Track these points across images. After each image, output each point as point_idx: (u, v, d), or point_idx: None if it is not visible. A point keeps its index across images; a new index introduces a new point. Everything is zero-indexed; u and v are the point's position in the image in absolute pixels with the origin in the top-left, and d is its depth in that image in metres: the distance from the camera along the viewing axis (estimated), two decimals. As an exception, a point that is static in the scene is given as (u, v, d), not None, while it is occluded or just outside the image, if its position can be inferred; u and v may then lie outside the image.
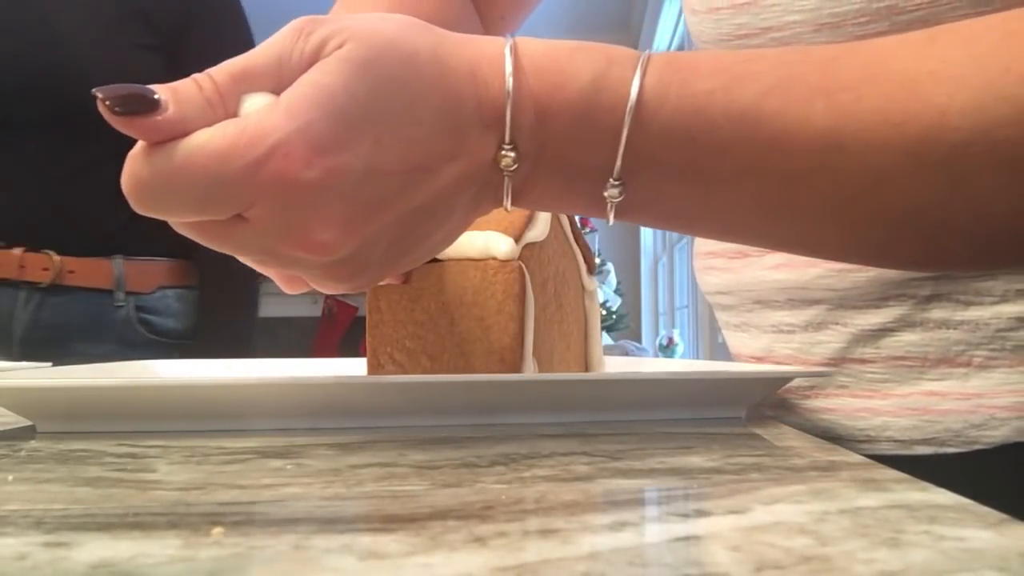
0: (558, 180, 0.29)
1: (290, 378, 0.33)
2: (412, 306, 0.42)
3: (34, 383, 0.32)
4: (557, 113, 0.27)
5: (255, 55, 0.27)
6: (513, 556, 0.16)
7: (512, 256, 0.40)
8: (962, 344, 0.42)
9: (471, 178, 0.28)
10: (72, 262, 1.02)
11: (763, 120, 0.26)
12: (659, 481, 0.24)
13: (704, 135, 0.27)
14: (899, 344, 0.43)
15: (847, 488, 0.22)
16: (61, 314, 1.04)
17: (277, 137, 0.25)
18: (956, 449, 0.42)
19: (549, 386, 0.36)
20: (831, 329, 0.46)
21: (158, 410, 0.34)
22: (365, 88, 0.26)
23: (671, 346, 3.63)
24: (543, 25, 4.32)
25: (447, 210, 0.29)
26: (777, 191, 0.27)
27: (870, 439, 0.45)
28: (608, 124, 0.27)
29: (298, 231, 0.26)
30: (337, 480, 0.24)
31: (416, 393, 0.35)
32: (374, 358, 0.43)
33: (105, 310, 1.05)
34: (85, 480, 0.24)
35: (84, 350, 1.01)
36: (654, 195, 0.29)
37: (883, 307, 0.43)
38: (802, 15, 0.42)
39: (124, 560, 0.16)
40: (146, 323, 1.08)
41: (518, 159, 0.28)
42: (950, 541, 0.17)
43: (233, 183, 0.25)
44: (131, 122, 0.24)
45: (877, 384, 0.45)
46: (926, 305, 0.42)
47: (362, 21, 0.27)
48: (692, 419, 0.37)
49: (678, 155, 0.27)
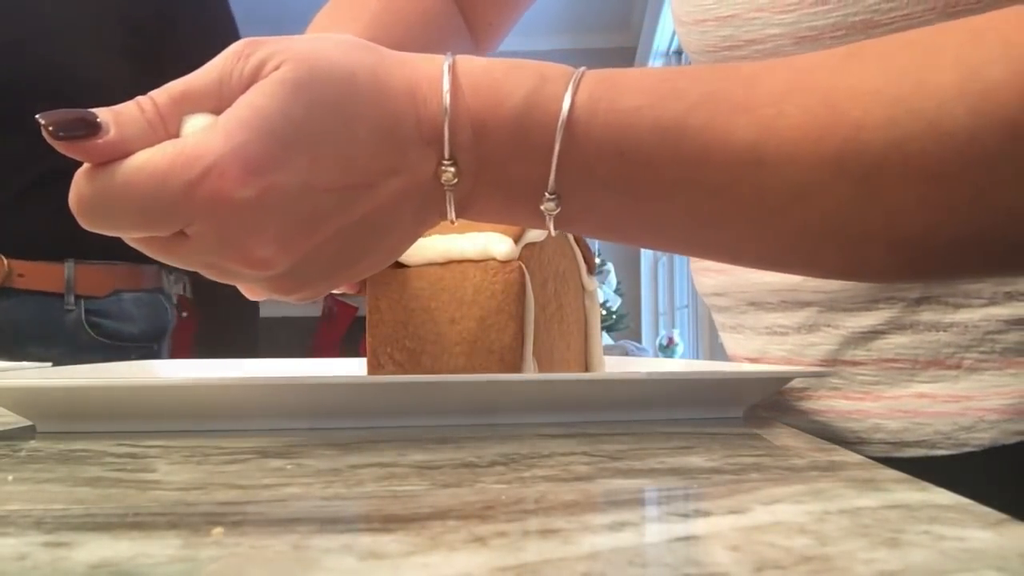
0: (499, 193, 0.30)
1: (290, 378, 0.33)
2: (412, 306, 0.42)
3: (34, 383, 0.32)
4: (494, 129, 0.28)
5: (196, 77, 0.28)
6: (513, 556, 0.16)
7: (512, 256, 0.40)
8: (952, 346, 0.42)
9: (412, 193, 0.29)
10: (22, 265, 1.02)
11: (688, 135, 0.27)
12: (659, 481, 0.24)
13: (633, 150, 0.28)
14: (889, 346, 0.44)
15: (847, 488, 0.22)
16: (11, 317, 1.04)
17: (213, 158, 0.26)
18: (946, 451, 0.43)
19: (549, 386, 0.36)
20: (823, 331, 0.46)
21: (158, 410, 0.34)
22: (301, 109, 0.27)
23: (671, 346, 3.63)
24: (543, 25, 4.32)
25: (389, 224, 0.30)
26: (705, 203, 0.28)
27: (862, 441, 0.46)
28: (542, 140, 0.28)
29: (237, 247, 0.27)
30: (337, 480, 0.24)
31: (416, 393, 0.35)
32: (374, 358, 0.43)
33: (54, 314, 1.05)
34: (85, 480, 0.24)
35: (35, 352, 1.01)
36: (589, 207, 0.29)
37: (873, 309, 0.44)
38: (782, 28, 0.43)
39: (124, 560, 0.16)
40: (97, 326, 1.08)
41: (458, 174, 0.29)
42: (950, 541, 0.17)
43: (171, 202, 0.26)
44: (73, 146, 0.26)
45: (869, 386, 0.45)
46: (915, 308, 0.43)
47: (301, 43, 0.28)
48: (692, 419, 0.37)
49: (609, 169, 0.28)
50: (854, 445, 0.46)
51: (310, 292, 0.31)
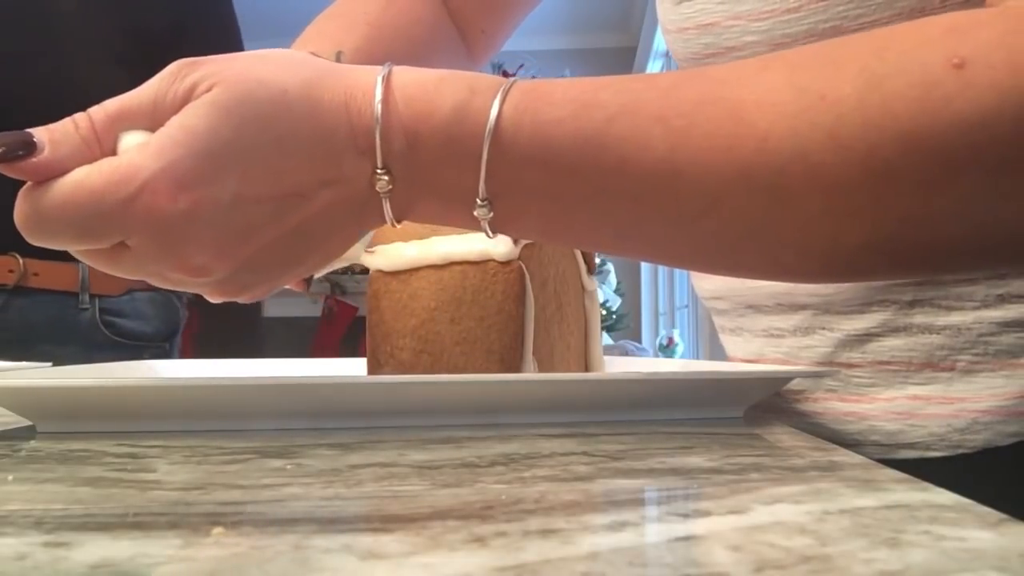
0: (435, 199, 0.31)
1: (290, 378, 0.33)
2: (412, 306, 0.42)
3: (34, 383, 0.32)
4: (426, 138, 0.29)
5: (133, 96, 0.29)
6: (513, 556, 0.16)
7: (511, 257, 0.40)
8: (945, 349, 0.42)
9: (349, 200, 0.30)
10: (37, 264, 1.02)
11: (608, 145, 0.28)
12: (659, 481, 0.24)
13: (555, 160, 0.29)
14: (884, 349, 0.44)
15: (847, 488, 0.22)
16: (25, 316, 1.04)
17: (146, 175, 0.27)
18: (940, 453, 0.43)
19: (549, 386, 0.36)
20: (818, 334, 0.46)
21: (158, 410, 0.34)
22: (229, 129, 0.28)
23: (671, 346, 3.63)
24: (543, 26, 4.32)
25: (326, 230, 0.31)
26: (627, 211, 0.29)
27: (857, 443, 0.46)
28: (471, 149, 0.29)
29: (175, 257, 0.29)
30: (337, 480, 0.24)
31: (416, 393, 0.35)
32: (374, 358, 0.43)
33: (69, 312, 1.05)
34: (85, 480, 0.24)
35: (49, 351, 1.01)
36: (520, 213, 0.31)
37: (867, 312, 0.44)
38: (758, 35, 0.44)
39: (124, 560, 0.16)
40: (111, 325, 1.08)
41: (392, 181, 0.30)
42: (950, 541, 0.17)
43: (108, 217, 0.27)
44: (11, 166, 0.27)
45: (864, 388, 0.45)
46: (909, 310, 0.43)
47: (235, 64, 0.29)
48: (692, 419, 0.37)
49: (535, 177, 0.29)
50: (849, 447, 0.46)
51: (254, 293, 0.33)
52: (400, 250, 0.42)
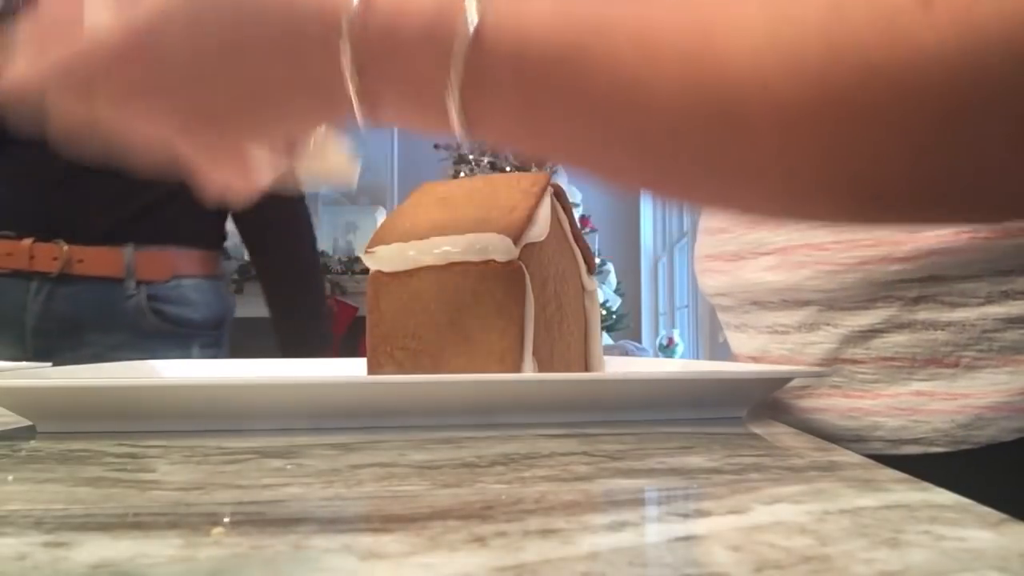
0: (407, 91, 0.31)
1: (290, 378, 0.33)
2: (412, 306, 0.42)
3: (34, 383, 0.32)
4: (403, 27, 0.30)
5: None
6: (513, 556, 0.16)
7: (511, 257, 0.40)
8: (949, 345, 0.42)
9: (312, 68, 0.31)
10: (81, 251, 1.00)
11: (581, 60, 0.28)
12: (659, 481, 0.24)
13: (531, 62, 0.29)
14: (888, 345, 0.44)
15: (847, 488, 0.22)
16: (71, 304, 1.02)
17: None
18: (943, 449, 0.43)
19: (549, 386, 0.36)
20: (823, 330, 0.46)
21: (158, 410, 0.34)
22: None
23: (671, 346, 3.63)
24: (543, 25, 4.31)
25: (284, 85, 0.32)
26: (591, 125, 0.30)
27: (860, 439, 0.46)
28: (447, 40, 0.29)
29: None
30: (337, 480, 0.24)
31: (416, 393, 0.35)
32: (374, 358, 0.43)
33: (116, 299, 1.03)
34: (85, 480, 0.24)
35: (96, 340, 1.00)
36: (491, 112, 0.31)
37: (872, 308, 0.44)
38: None
39: (124, 560, 0.16)
40: (159, 312, 1.06)
41: (362, 70, 0.30)
42: (950, 541, 0.17)
43: None
44: None
45: (868, 384, 0.45)
46: (913, 307, 0.43)
47: None
48: (692, 419, 0.37)
49: (510, 75, 0.29)
50: (852, 443, 0.46)
51: (220, 149, 0.34)
52: (400, 251, 0.42)
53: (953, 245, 0.42)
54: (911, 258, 0.43)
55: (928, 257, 0.42)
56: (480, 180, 0.46)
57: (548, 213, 0.44)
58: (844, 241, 0.45)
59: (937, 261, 0.42)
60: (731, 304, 0.53)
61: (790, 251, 0.47)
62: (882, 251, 0.43)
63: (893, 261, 0.43)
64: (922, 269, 0.43)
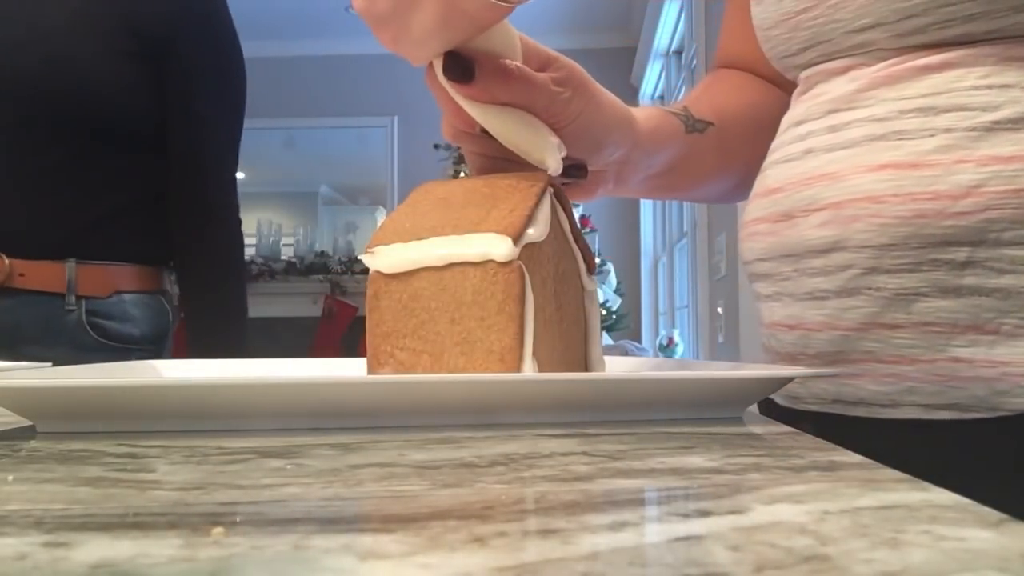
0: None
1: (290, 378, 0.33)
2: (412, 306, 0.42)
3: (34, 383, 0.32)
4: None
5: None
6: (513, 556, 0.16)
7: (511, 257, 0.40)
8: (992, 311, 0.42)
9: None
10: (23, 265, 1.01)
11: None
12: (659, 481, 0.24)
13: None
14: (931, 310, 0.44)
15: (847, 488, 0.22)
16: (11, 317, 1.02)
17: None
18: (979, 415, 0.43)
19: (549, 386, 0.36)
20: (864, 294, 0.46)
21: (158, 410, 0.34)
22: None
23: (671, 346, 3.63)
24: (543, 25, 4.32)
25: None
26: None
27: (894, 403, 0.46)
28: None
29: None
30: (337, 480, 0.24)
31: (416, 393, 0.35)
32: (374, 358, 0.43)
33: (55, 313, 1.04)
34: (85, 480, 0.24)
35: (35, 353, 1.00)
36: None
37: (917, 271, 0.44)
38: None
39: (124, 560, 0.16)
40: (98, 327, 1.06)
41: None
42: (950, 541, 0.17)
43: None
44: None
45: (905, 350, 0.45)
46: (961, 271, 0.43)
47: None
48: (692, 419, 0.37)
49: None
50: (886, 407, 0.47)
51: (392, 32, 0.42)
52: (400, 252, 0.42)
53: (1010, 202, 0.42)
54: (967, 213, 0.42)
55: (984, 212, 0.42)
56: (480, 180, 0.46)
57: (548, 213, 0.44)
58: (903, 194, 0.44)
59: (992, 219, 0.42)
60: (769, 271, 0.53)
61: (844, 205, 0.47)
62: (939, 205, 0.43)
63: (948, 216, 0.43)
64: (975, 229, 0.42)
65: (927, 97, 0.45)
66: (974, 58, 0.45)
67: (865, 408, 0.48)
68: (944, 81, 0.45)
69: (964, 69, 0.45)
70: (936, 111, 0.45)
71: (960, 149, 0.43)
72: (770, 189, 0.53)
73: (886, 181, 0.45)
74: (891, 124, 0.46)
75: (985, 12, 0.44)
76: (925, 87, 0.46)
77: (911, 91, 0.46)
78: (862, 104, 0.48)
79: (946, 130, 0.44)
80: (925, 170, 0.44)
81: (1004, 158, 0.42)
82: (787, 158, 0.52)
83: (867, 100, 0.48)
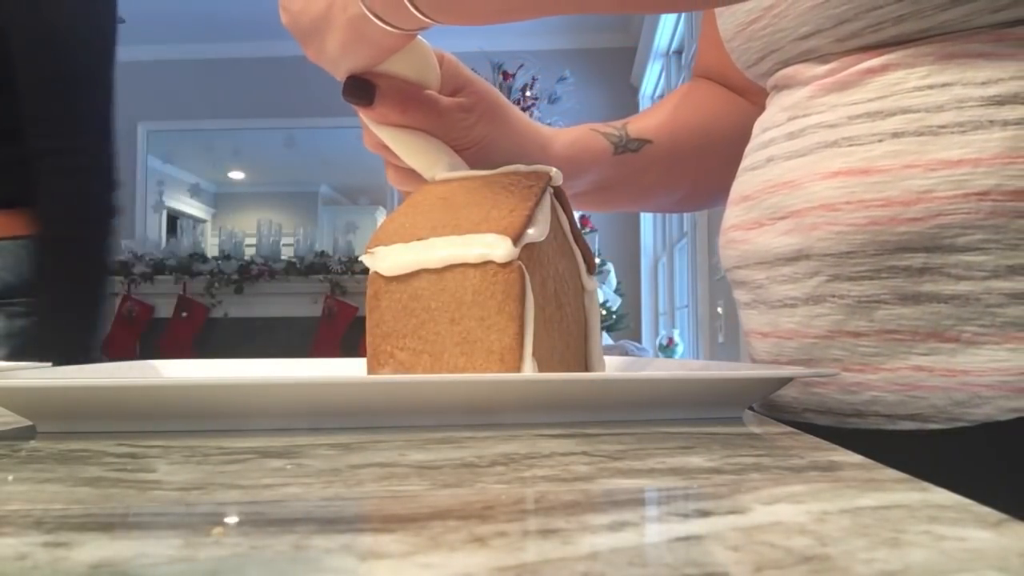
0: None
1: (290, 378, 0.33)
2: (412, 306, 0.42)
3: (34, 383, 0.32)
4: None
5: None
6: (513, 556, 0.16)
7: (511, 258, 0.40)
8: (952, 319, 0.42)
9: None
10: None
11: None
12: (659, 481, 0.24)
13: None
14: (891, 317, 0.44)
15: (847, 488, 0.23)
16: None
17: None
18: (939, 426, 0.43)
19: (549, 386, 0.36)
20: (829, 302, 0.47)
21: (158, 410, 0.34)
22: None
23: (671, 346, 3.63)
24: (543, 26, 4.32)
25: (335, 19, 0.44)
26: None
27: (858, 413, 0.46)
28: None
29: None
30: (337, 480, 0.24)
31: (416, 393, 0.35)
32: (374, 358, 0.43)
33: None
34: (85, 480, 0.24)
35: None
36: None
37: (877, 279, 0.44)
38: None
39: (124, 560, 0.16)
40: None
41: None
42: (950, 541, 0.17)
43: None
44: None
45: (868, 358, 0.45)
46: (918, 278, 0.43)
47: None
48: (692, 419, 0.37)
49: None
50: (851, 417, 0.47)
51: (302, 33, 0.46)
52: (399, 254, 0.42)
53: (961, 207, 0.42)
54: (919, 219, 0.43)
55: (936, 218, 0.42)
56: (480, 180, 0.46)
57: (548, 213, 0.44)
58: (855, 201, 0.45)
59: (945, 225, 0.42)
60: (744, 278, 0.54)
61: (804, 213, 0.47)
62: (892, 211, 0.43)
63: (901, 222, 0.43)
64: (928, 235, 0.43)
65: (874, 101, 0.46)
66: (913, 58, 0.45)
67: (833, 417, 0.48)
68: (887, 84, 0.46)
69: (905, 70, 0.45)
70: (883, 115, 0.45)
71: (908, 154, 0.43)
72: (742, 196, 0.54)
73: (839, 188, 0.45)
74: (841, 130, 0.46)
75: (912, 12, 0.44)
76: (871, 91, 0.46)
77: (858, 95, 0.47)
78: (815, 111, 0.49)
79: (894, 134, 0.44)
80: (876, 176, 0.44)
81: (952, 162, 0.42)
82: (754, 165, 0.53)
83: (819, 106, 0.49)
